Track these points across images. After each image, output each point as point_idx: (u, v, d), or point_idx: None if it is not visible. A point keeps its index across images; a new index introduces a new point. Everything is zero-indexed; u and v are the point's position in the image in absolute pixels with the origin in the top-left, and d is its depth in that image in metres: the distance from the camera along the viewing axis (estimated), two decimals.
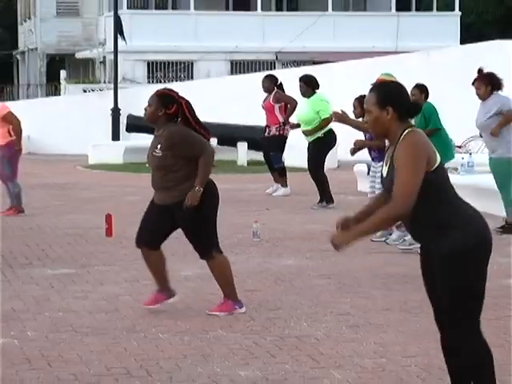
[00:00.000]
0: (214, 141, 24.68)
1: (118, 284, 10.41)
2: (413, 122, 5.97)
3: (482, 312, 5.67)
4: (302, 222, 14.42)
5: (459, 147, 20.57)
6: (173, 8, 45.82)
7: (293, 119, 17.60)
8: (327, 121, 16.08)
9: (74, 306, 9.14)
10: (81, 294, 9.69)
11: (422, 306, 9.28)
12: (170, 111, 8.89)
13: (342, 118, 12.81)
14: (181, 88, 32.62)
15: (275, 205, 16.53)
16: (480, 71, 12.30)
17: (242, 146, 24.47)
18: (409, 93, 5.95)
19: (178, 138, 8.81)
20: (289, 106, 17.81)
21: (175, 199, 8.80)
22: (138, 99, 29.07)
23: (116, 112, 28.34)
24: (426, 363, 7.41)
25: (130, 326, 8.59)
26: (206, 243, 9.00)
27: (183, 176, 8.76)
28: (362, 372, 7.17)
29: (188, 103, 9.11)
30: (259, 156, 17.89)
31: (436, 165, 5.65)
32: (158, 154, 8.86)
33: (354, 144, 13.03)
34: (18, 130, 15.35)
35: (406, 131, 5.71)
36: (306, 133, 16.42)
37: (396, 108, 5.74)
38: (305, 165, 17.04)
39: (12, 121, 15.39)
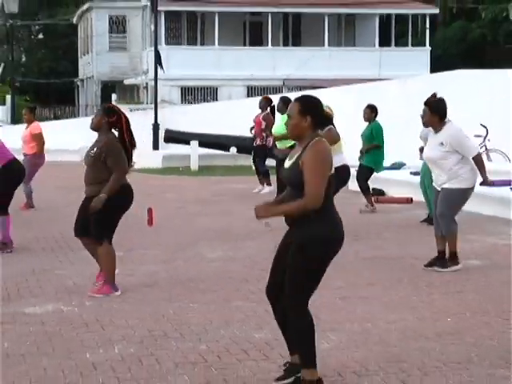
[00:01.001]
0: (233, 149, 24.74)
1: (156, 264, 10.43)
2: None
3: None
4: None
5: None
6: (201, 44, 45.78)
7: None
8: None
9: (123, 282, 9.14)
10: (127, 272, 9.70)
11: (400, 283, 9.32)
12: (111, 120, 8.75)
13: None
14: (208, 108, 32.82)
15: None
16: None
17: None
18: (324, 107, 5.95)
19: (108, 146, 8.68)
20: (268, 123, 17.88)
21: (93, 193, 8.67)
22: (173, 117, 29.17)
23: (156, 127, 28.38)
24: (402, 327, 7.42)
25: (167, 297, 8.61)
26: (99, 232, 8.74)
27: (104, 177, 8.62)
28: (352, 334, 7.20)
29: (126, 117, 8.92)
30: (272, 162, 17.84)
31: (331, 172, 5.71)
32: (92, 155, 8.73)
33: None
34: (40, 149, 15.45)
35: (315, 139, 5.70)
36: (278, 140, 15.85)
37: (313, 118, 5.75)
38: None
39: (40, 140, 15.48)
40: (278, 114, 16.99)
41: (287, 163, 5.86)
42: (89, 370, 6.32)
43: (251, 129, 19.00)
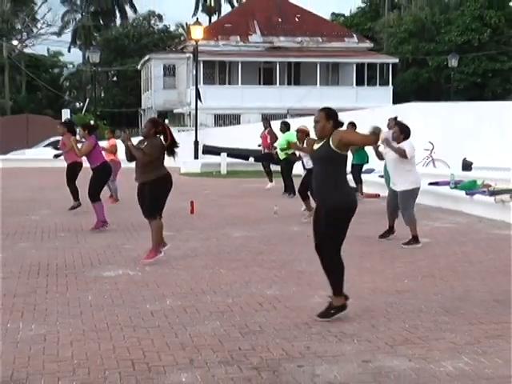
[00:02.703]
0: (251, 159, 24.73)
1: (196, 241, 10.43)
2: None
3: None
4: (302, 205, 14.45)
5: None
6: (228, 83, 45.79)
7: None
8: (290, 145, 16.25)
9: (173, 253, 9.14)
10: (176, 247, 9.68)
11: (371, 254, 9.29)
12: (157, 130, 8.69)
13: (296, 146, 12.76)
14: (233, 130, 32.82)
15: (286, 198, 16.48)
16: (396, 118, 11.88)
17: None
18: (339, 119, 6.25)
19: (149, 145, 8.63)
20: (272, 138, 18.25)
21: (141, 180, 8.66)
22: (208, 136, 29.22)
23: (196, 143, 28.43)
24: (372, 286, 7.39)
25: (204, 265, 8.60)
26: (150, 211, 8.67)
27: (148, 167, 8.58)
28: None
29: (167, 125, 8.92)
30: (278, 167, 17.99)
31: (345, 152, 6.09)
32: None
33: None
34: (116, 156, 15.46)
35: (334, 132, 6.07)
36: (281, 151, 16.46)
37: (334, 122, 6.14)
38: (299, 173, 17.09)
39: (115, 150, 15.48)
40: (279, 133, 17.14)
41: (316, 147, 6.21)
42: (148, 316, 6.33)
43: (259, 145, 19.39)
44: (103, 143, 14.26)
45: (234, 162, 25.57)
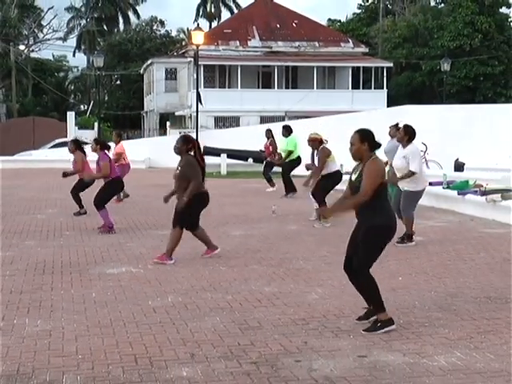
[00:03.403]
0: (250, 160, 24.70)
1: (196, 240, 10.30)
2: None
3: None
4: (299, 205, 14.42)
5: None
6: (228, 87, 45.82)
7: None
8: (290, 151, 16.53)
9: (174, 251, 9.11)
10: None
11: None
12: (188, 147, 8.68)
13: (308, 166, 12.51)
14: (233, 132, 32.84)
15: (284, 198, 16.47)
16: (397, 125, 11.44)
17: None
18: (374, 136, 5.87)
19: (187, 165, 8.60)
20: (273, 147, 18.17)
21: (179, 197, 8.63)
22: (209, 138, 29.15)
23: None
24: None
25: (204, 263, 8.59)
26: (179, 220, 8.61)
27: (186, 186, 8.55)
28: (333, 288, 7.17)
29: (197, 143, 8.90)
30: (277, 169, 18.03)
31: (383, 179, 5.71)
32: (178, 172, 8.68)
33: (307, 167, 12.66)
34: (125, 159, 15.40)
35: (372, 158, 5.72)
36: (285, 155, 16.85)
37: (369, 144, 5.73)
38: (299, 173, 17.09)
39: (124, 154, 15.45)
40: (282, 138, 17.11)
41: (353, 176, 5.84)
42: (150, 312, 6.32)
43: (261, 151, 19.31)
44: (111, 145, 14.11)
45: (233, 162, 25.55)
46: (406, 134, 9.91)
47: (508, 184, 13.13)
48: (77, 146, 12.82)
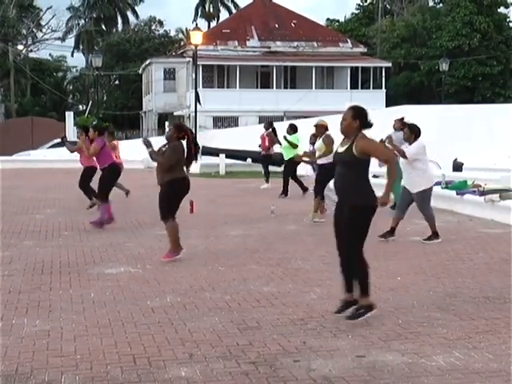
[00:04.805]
0: (249, 160, 24.69)
1: (196, 239, 10.41)
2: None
3: None
4: (298, 205, 14.41)
5: None
6: (227, 87, 45.82)
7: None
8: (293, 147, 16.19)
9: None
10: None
11: (365, 252, 9.26)
12: (180, 135, 8.68)
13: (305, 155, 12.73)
14: (231, 132, 32.81)
15: (284, 198, 16.45)
16: (402, 119, 11.72)
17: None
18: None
19: (171, 148, 8.64)
20: (270, 140, 18.04)
21: (161, 181, 8.73)
22: (208, 137, 29.17)
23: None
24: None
25: (203, 263, 8.58)
26: (165, 209, 8.68)
27: (164, 169, 8.65)
28: (331, 288, 7.15)
29: (190, 130, 8.92)
30: (277, 169, 18.03)
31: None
32: (161, 153, 8.73)
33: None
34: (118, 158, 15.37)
35: (360, 134, 5.84)
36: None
37: (360, 122, 5.86)
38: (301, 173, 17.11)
39: (117, 152, 15.39)
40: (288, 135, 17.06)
41: (340, 149, 5.97)
42: (149, 312, 6.31)
43: (259, 145, 19.20)
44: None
45: (232, 162, 25.55)
46: (411, 133, 10.07)
47: (507, 184, 13.13)
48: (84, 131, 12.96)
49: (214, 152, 26.24)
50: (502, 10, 49.18)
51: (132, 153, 24.97)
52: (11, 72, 54.56)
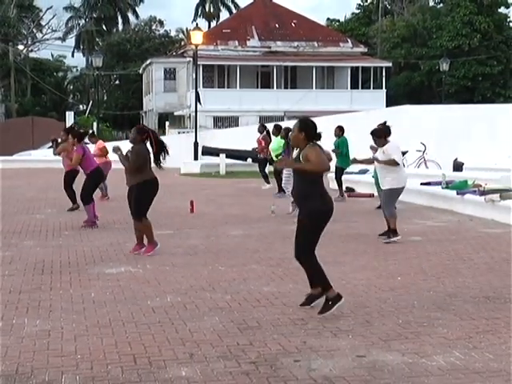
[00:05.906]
0: (249, 160, 24.68)
1: (197, 239, 10.41)
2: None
3: None
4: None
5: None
6: (227, 87, 45.80)
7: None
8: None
9: (174, 251, 9.14)
10: (176, 245, 9.71)
11: (365, 252, 9.28)
12: (143, 137, 8.99)
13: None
14: (232, 132, 32.85)
15: (284, 198, 16.44)
16: (385, 122, 11.48)
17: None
18: (317, 128, 6.25)
19: (135, 154, 8.95)
20: (266, 143, 18.00)
21: (131, 183, 9.06)
22: (208, 137, 29.17)
23: (196, 144, 28.34)
24: (366, 283, 7.38)
25: (203, 263, 8.58)
26: (138, 210, 9.05)
27: (136, 171, 8.96)
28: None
29: (153, 132, 9.24)
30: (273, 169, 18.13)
31: (323, 169, 6.11)
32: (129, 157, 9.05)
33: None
34: (107, 157, 15.45)
35: (309, 145, 6.12)
36: (275, 155, 16.53)
37: (306, 134, 6.16)
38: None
39: (105, 151, 15.45)
40: (272, 136, 17.14)
41: (294, 157, 6.35)
42: (149, 312, 6.31)
43: (255, 149, 19.32)
44: (91, 147, 14.09)
45: (232, 162, 25.54)
46: (379, 137, 10.18)
47: (507, 184, 13.14)
48: (69, 134, 13.00)
49: (214, 152, 26.24)
50: (502, 10, 49.19)
51: None
52: (12, 72, 54.57)
